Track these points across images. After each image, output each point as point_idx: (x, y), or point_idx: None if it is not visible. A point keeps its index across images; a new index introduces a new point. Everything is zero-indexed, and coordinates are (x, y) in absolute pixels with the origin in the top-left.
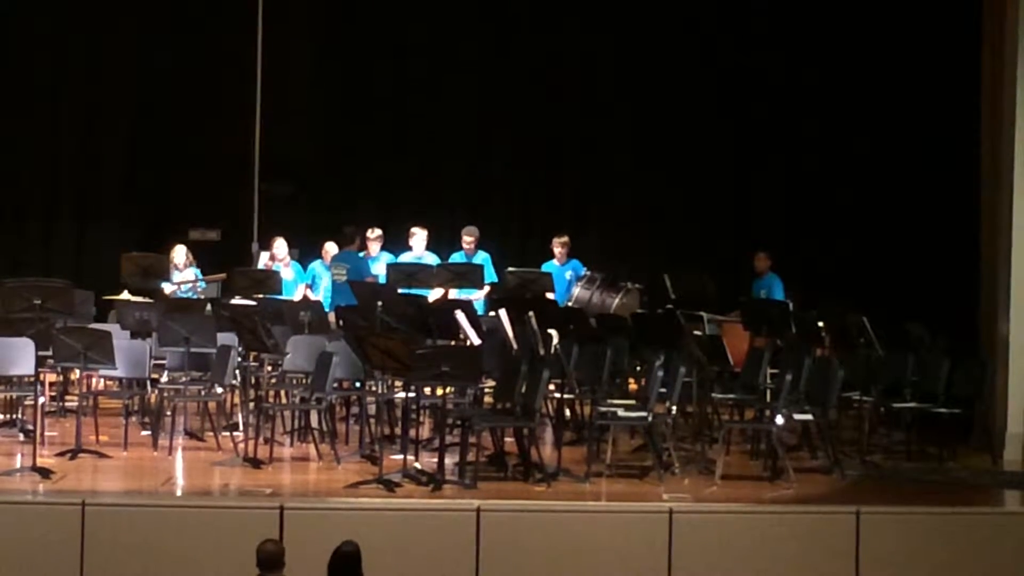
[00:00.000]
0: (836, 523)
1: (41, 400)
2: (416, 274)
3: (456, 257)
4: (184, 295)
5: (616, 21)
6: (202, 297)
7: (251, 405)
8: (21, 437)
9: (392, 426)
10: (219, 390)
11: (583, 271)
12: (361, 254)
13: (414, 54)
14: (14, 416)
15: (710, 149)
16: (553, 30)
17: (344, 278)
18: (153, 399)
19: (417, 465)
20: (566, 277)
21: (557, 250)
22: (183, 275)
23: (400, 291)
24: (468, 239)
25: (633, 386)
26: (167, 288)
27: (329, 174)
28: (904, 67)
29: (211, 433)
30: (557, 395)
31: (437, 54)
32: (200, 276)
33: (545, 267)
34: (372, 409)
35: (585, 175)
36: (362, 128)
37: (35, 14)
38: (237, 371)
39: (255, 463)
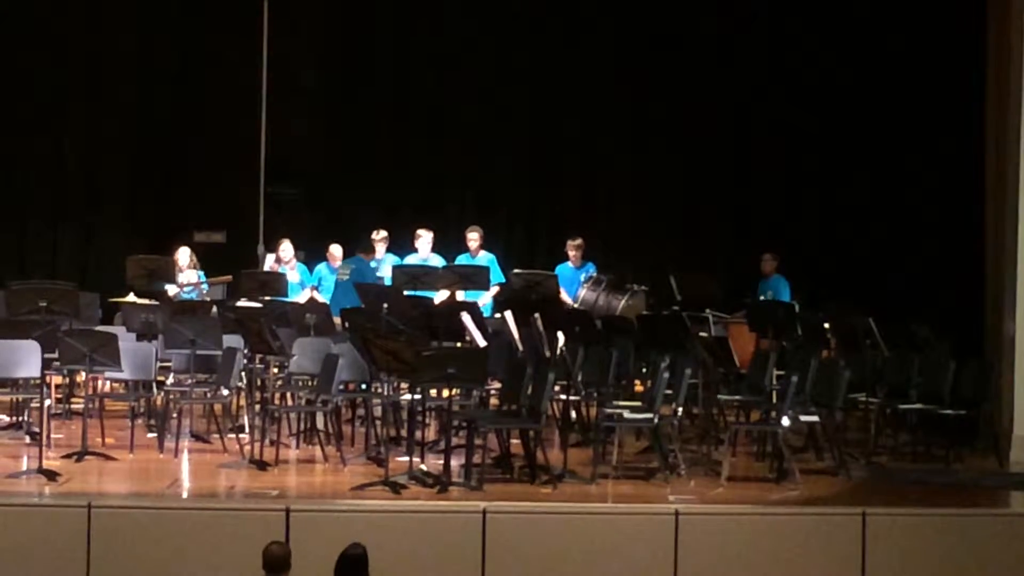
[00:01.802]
0: (842, 524)
1: (47, 402)
2: (421, 276)
3: (462, 258)
4: (188, 297)
5: (617, 23)
6: (207, 299)
7: (257, 407)
8: (27, 439)
9: (398, 428)
10: (225, 392)
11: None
12: (373, 263)
13: (417, 57)
14: (20, 418)
15: (714, 150)
16: (555, 32)
17: (347, 277)
18: (159, 401)
19: (423, 467)
20: (581, 280)
21: (571, 253)
22: (186, 277)
23: (406, 293)
24: (472, 238)
25: (639, 388)
26: (170, 290)
27: (334, 176)
28: (908, 67)
29: (217, 435)
30: (563, 397)
31: (440, 57)
32: (204, 278)
33: (560, 270)
34: (378, 411)
35: (589, 176)
36: (367, 130)
37: (38, 17)
38: (243, 373)
39: (261, 465)
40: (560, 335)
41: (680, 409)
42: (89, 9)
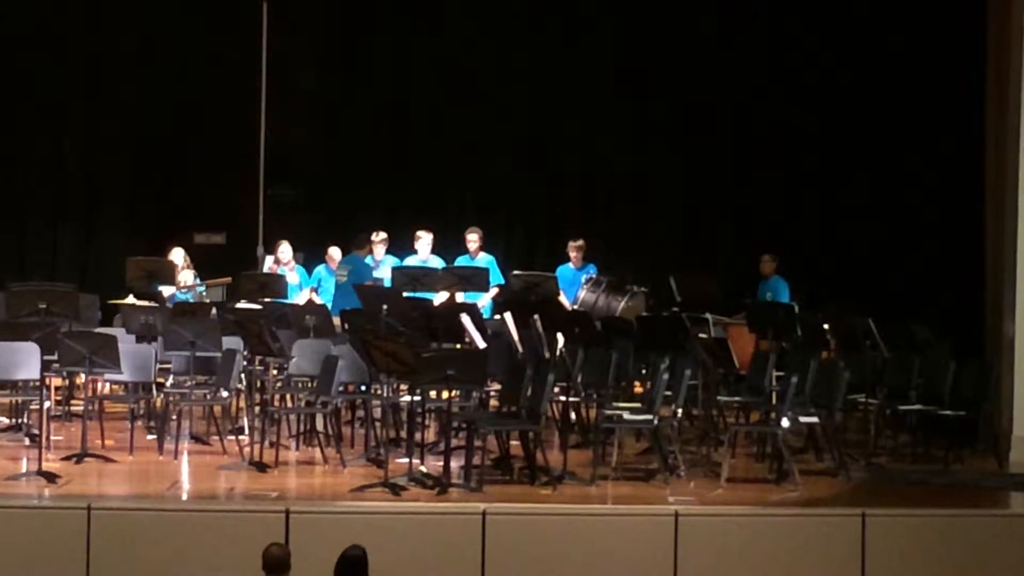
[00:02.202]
0: (842, 526)
1: (47, 404)
2: (421, 278)
3: (461, 260)
4: (183, 298)
5: (617, 24)
6: (205, 300)
7: (257, 409)
8: (27, 441)
9: (398, 429)
10: (224, 394)
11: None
12: (368, 259)
13: (417, 58)
14: (20, 420)
15: (714, 151)
16: (554, 32)
17: (344, 278)
18: (159, 403)
19: (423, 468)
20: (582, 281)
21: (572, 254)
22: (182, 278)
23: (405, 295)
24: (472, 239)
25: (638, 389)
26: (165, 291)
27: (334, 178)
28: (908, 66)
29: (217, 437)
30: (562, 398)
31: (441, 58)
32: (198, 280)
33: (561, 271)
34: (378, 413)
35: (589, 178)
36: (367, 132)
37: (39, 18)
38: (242, 375)
39: (261, 467)
40: (560, 336)
41: (680, 410)
42: (89, 9)
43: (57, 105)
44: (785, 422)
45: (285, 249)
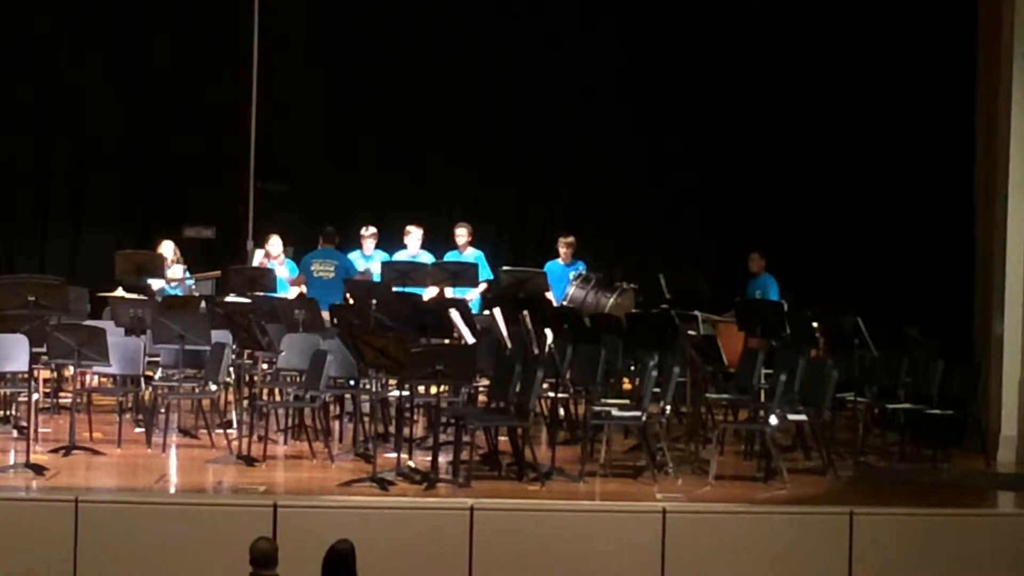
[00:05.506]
0: (830, 524)
1: (35, 397)
2: (411, 273)
3: (450, 255)
4: (172, 292)
5: (615, 20)
6: (195, 294)
7: (245, 403)
8: (15, 434)
9: (386, 424)
10: (213, 388)
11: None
12: (350, 255)
13: (410, 53)
14: (8, 413)
15: (705, 149)
16: (551, 28)
17: (331, 274)
18: (147, 396)
19: (411, 463)
20: (570, 277)
21: (562, 250)
22: (170, 272)
23: (395, 289)
24: (461, 233)
25: (627, 386)
26: (154, 285)
27: (324, 172)
28: (899, 67)
29: (205, 431)
30: (551, 394)
31: (433, 53)
32: (188, 273)
33: (550, 266)
34: (366, 407)
35: (580, 174)
36: (357, 126)
37: (32, 12)
38: (231, 369)
39: (249, 461)
40: (549, 332)
41: (668, 407)
42: (82, 5)
43: (47, 98)
44: (773, 420)
45: (275, 243)
